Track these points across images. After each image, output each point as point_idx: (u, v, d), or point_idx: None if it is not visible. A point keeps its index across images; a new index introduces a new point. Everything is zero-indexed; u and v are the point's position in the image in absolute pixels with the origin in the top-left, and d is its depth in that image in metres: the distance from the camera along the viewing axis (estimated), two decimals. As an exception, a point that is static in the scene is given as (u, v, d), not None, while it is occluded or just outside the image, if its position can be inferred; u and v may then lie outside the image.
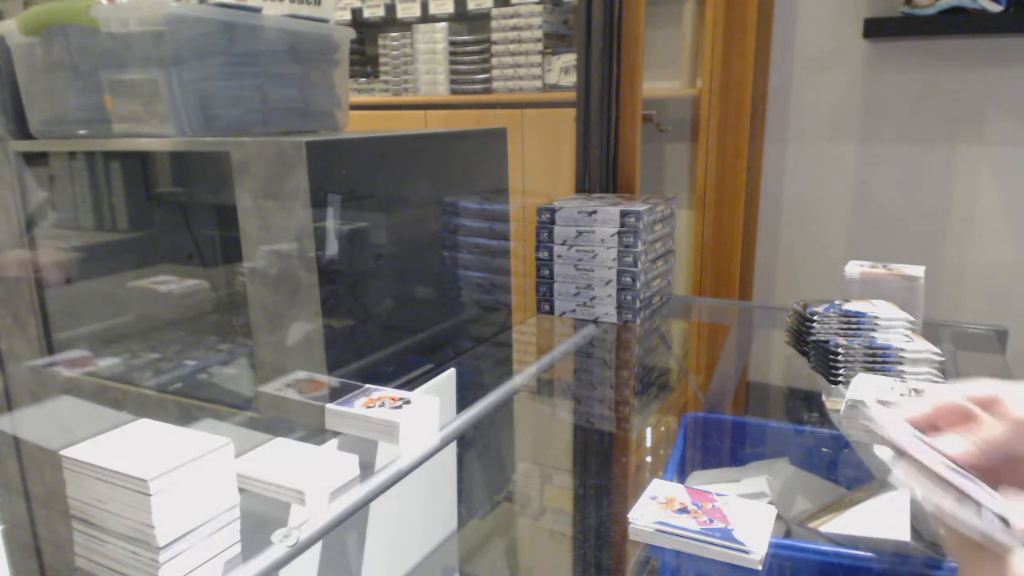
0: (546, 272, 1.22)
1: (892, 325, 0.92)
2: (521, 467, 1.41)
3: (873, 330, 0.92)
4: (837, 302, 0.98)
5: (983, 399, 0.49)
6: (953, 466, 0.45)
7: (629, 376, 1.38)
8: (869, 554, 0.74)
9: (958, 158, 1.97)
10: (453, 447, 0.96)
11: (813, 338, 0.94)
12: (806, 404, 1.15)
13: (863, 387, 0.78)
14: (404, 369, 1.08)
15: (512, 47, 2.58)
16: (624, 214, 1.14)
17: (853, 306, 0.96)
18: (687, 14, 2.29)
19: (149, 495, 0.51)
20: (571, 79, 2.47)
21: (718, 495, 0.70)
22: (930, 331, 1.04)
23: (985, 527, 0.43)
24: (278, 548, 0.59)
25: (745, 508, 0.67)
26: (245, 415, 1.02)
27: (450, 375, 0.89)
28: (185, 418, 1.07)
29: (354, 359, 0.99)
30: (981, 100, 1.92)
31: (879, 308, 0.95)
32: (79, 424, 1.19)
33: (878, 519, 0.79)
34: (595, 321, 1.20)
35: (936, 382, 0.85)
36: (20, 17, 1.08)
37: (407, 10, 2.85)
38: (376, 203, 1.02)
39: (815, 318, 0.94)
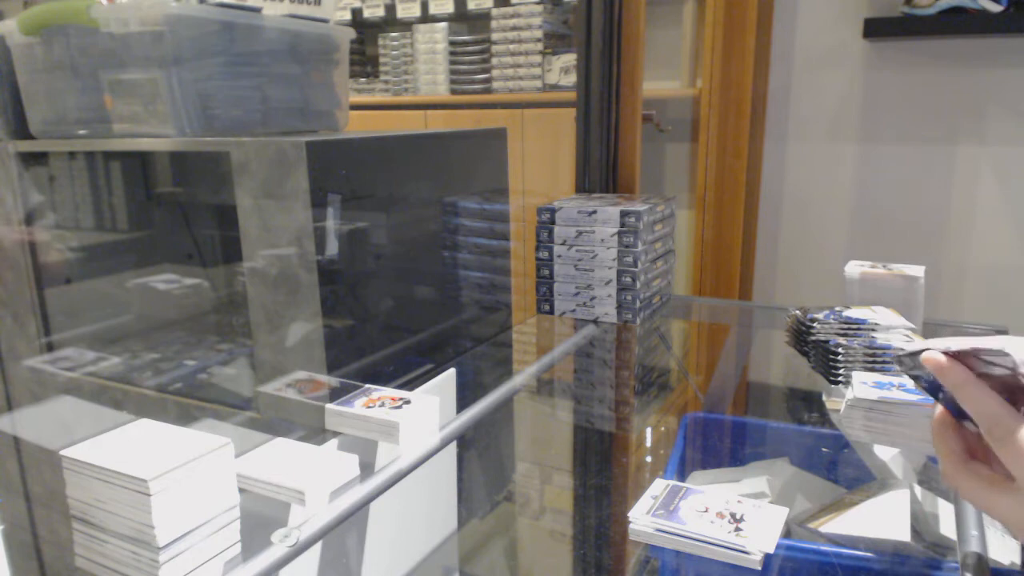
0: (546, 272, 1.22)
1: (892, 331, 0.92)
2: (521, 467, 1.41)
3: (873, 330, 0.92)
4: (837, 309, 0.98)
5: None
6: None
7: (629, 376, 1.38)
8: (869, 554, 0.75)
9: (958, 158, 1.97)
10: (453, 447, 0.96)
11: (813, 338, 0.94)
12: (806, 404, 1.15)
13: (863, 387, 0.78)
14: (404, 369, 1.08)
15: (512, 47, 2.58)
16: (624, 214, 1.14)
17: (853, 313, 0.96)
18: (687, 14, 2.29)
19: (149, 495, 0.51)
20: (571, 79, 2.47)
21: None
22: (930, 331, 1.04)
23: None
24: (278, 548, 0.59)
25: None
26: (245, 415, 1.02)
27: (450, 375, 0.89)
28: (185, 418, 1.07)
29: (354, 359, 0.99)
30: (981, 100, 1.92)
31: (879, 315, 0.95)
32: (79, 424, 1.19)
33: (878, 519, 0.79)
34: (595, 321, 1.20)
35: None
36: (20, 17, 1.08)
37: (407, 10, 2.85)
38: (376, 203, 1.02)
39: (815, 324, 0.94)
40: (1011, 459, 0.48)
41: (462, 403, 0.89)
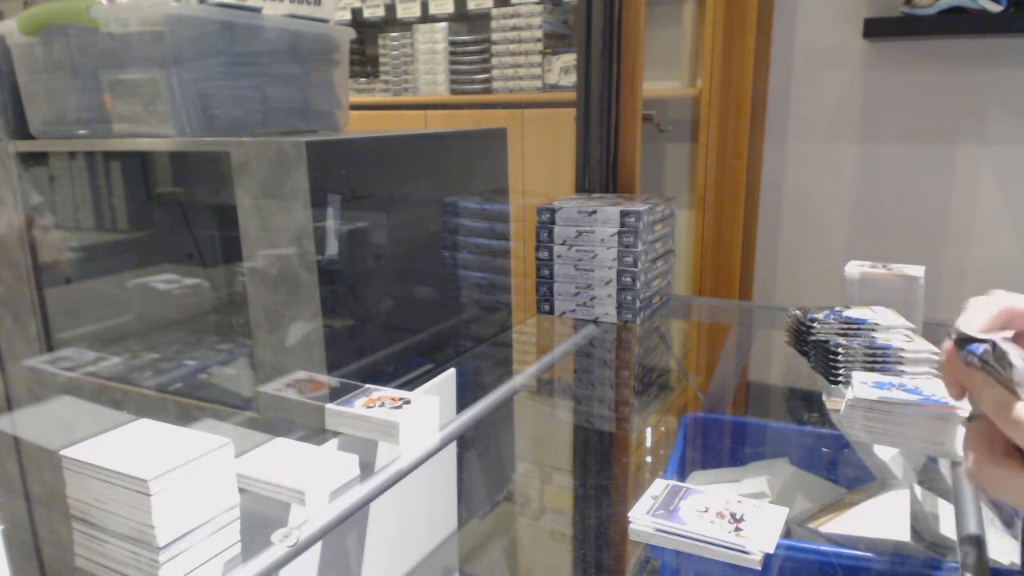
0: (546, 272, 1.22)
1: (892, 331, 0.92)
2: (521, 467, 1.41)
3: (873, 330, 0.92)
4: (837, 309, 0.98)
5: None
6: None
7: (629, 376, 1.38)
8: (869, 554, 0.75)
9: (958, 158, 1.97)
10: (453, 447, 0.96)
11: (813, 338, 0.94)
12: (806, 404, 1.15)
13: (863, 387, 0.78)
14: (404, 369, 1.08)
15: (512, 47, 2.58)
16: (624, 214, 1.14)
17: (853, 313, 0.96)
18: (687, 14, 2.29)
19: (149, 495, 0.51)
20: (571, 79, 2.47)
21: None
22: (930, 331, 1.04)
23: None
24: (278, 548, 0.59)
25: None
26: (245, 415, 1.02)
27: (450, 375, 0.89)
28: (185, 418, 1.07)
29: (354, 359, 0.99)
30: (981, 100, 1.92)
31: (879, 315, 0.95)
32: (79, 424, 1.19)
33: (878, 519, 0.79)
34: (595, 321, 1.20)
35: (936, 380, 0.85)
36: (20, 17, 1.08)
37: (407, 10, 2.85)
38: (376, 203, 1.02)
39: (815, 324, 0.94)
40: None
41: (462, 403, 0.89)
